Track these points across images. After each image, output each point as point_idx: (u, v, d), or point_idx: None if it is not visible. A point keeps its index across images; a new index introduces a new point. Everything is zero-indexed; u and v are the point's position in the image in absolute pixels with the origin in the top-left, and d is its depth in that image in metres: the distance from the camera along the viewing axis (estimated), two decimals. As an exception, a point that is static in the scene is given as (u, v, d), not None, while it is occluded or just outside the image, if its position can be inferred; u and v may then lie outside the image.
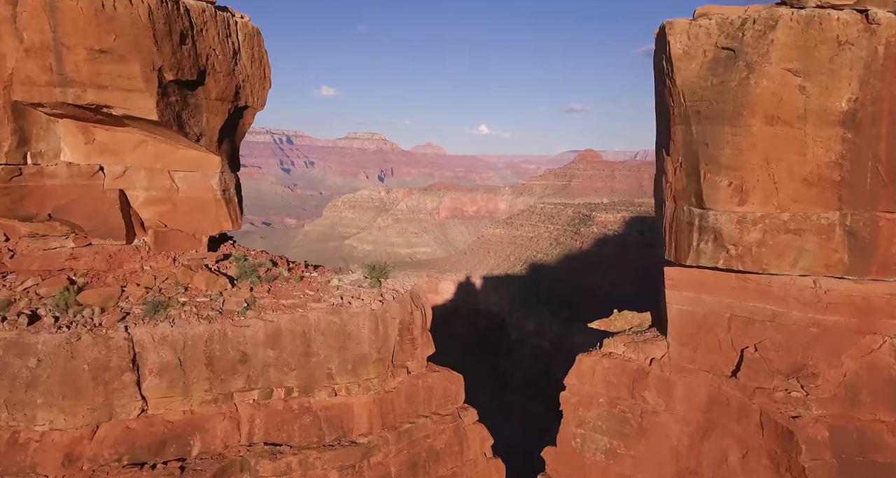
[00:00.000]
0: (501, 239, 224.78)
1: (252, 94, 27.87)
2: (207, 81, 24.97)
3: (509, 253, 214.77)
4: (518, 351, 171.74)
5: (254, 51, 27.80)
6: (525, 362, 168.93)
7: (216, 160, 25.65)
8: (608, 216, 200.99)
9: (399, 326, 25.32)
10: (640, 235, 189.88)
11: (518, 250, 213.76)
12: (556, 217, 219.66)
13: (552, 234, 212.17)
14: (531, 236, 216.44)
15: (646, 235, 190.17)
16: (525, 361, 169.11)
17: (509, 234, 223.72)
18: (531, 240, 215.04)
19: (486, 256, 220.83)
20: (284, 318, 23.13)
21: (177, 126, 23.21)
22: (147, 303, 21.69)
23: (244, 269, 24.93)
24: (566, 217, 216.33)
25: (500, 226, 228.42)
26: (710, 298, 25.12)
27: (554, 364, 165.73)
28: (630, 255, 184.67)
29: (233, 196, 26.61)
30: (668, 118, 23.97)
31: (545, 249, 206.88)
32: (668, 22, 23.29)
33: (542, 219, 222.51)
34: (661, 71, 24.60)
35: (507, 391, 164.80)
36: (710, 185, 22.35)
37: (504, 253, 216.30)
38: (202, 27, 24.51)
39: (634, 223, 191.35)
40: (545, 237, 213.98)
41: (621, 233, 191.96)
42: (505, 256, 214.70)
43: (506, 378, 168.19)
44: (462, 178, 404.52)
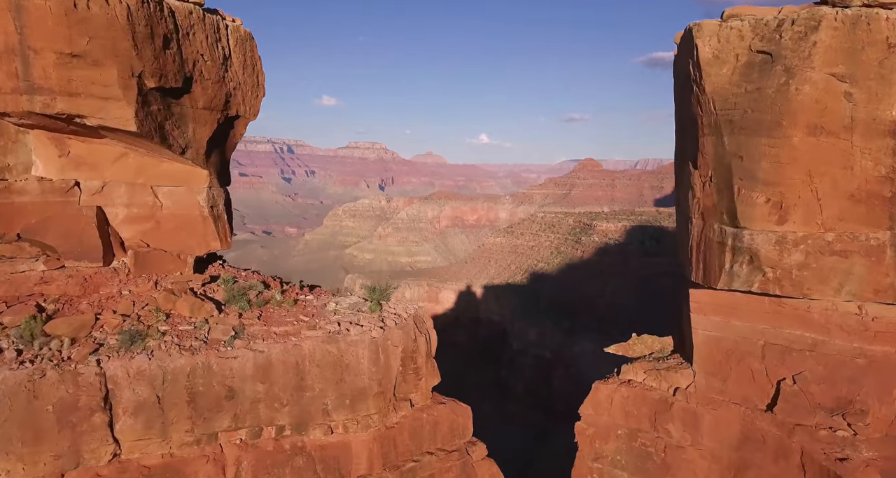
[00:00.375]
0: (502, 248, 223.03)
1: (244, 102, 25.70)
2: (194, 89, 22.79)
3: (510, 262, 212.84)
4: (519, 361, 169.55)
5: (246, 57, 25.67)
6: (527, 371, 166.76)
7: (203, 174, 23.41)
8: (609, 225, 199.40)
9: (402, 355, 22.98)
10: (641, 244, 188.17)
11: (519, 259, 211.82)
12: (556, 226, 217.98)
13: (553, 243, 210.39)
14: (532, 245, 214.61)
15: (646, 245, 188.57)
16: (527, 371, 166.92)
17: (510, 243, 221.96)
18: (532, 249, 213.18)
19: (487, 265, 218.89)
20: (276, 348, 20.81)
21: (159, 137, 20.99)
22: (123, 333, 19.37)
23: (233, 293, 22.62)
24: (567, 226, 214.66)
25: (500, 235, 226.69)
26: (740, 323, 22.80)
27: (555, 374, 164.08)
28: (631, 264, 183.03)
29: (222, 213, 24.36)
30: (696, 128, 21.77)
31: (546, 258, 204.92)
32: (695, 24, 21.15)
33: (542, 228, 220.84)
34: (686, 77, 22.42)
35: (509, 401, 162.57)
36: (745, 201, 20.10)
37: (505, 262, 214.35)
38: (189, 30, 22.37)
39: (635, 232, 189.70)
40: (546, 246, 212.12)
41: (622, 242, 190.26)
42: (506, 265, 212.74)
43: (507, 388, 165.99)
44: (462, 187, 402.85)
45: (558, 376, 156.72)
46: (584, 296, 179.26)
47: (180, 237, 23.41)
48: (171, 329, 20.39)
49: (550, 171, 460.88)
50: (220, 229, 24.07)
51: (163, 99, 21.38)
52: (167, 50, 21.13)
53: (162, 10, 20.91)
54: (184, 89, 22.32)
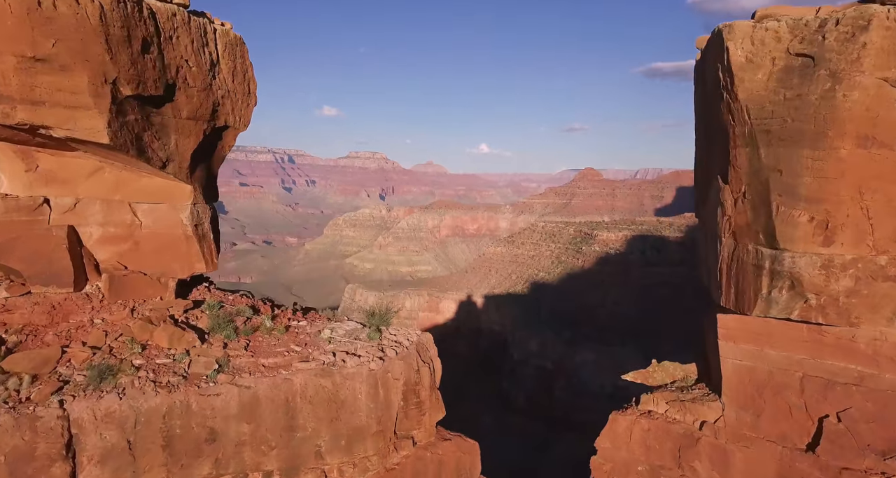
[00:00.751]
0: (503, 257, 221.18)
1: (233, 112, 23.62)
2: (178, 97, 20.71)
3: (511, 271, 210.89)
4: (521, 372, 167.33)
5: (236, 63, 23.61)
6: (528, 382, 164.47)
7: (187, 190, 21.25)
8: (609, 235, 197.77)
9: (403, 388, 20.71)
10: (642, 253, 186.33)
11: (519, 269, 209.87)
12: (557, 235, 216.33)
13: (553, 252, 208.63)
14: (533, 255, 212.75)
15: (647, 254, 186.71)
16: (528, 381, 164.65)
17: (511, 252, 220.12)
18: (533, 258, 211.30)
19: (488, 275, 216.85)
20: (264, 383, 18.55)
21: (135, 150, 18.84)
22: (92, 368, 17.13)
23: (218, 320, 20.37)
24: (567, 235, 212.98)
25: (501, 244, 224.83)
26: (775, 353, 20.54)
27: (556, 385, 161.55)
28: (631, 273, 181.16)
29: (207, 232, 22.17)
30: (727, 139, 19.63)
31: (547, 268, 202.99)
32: (724, 25, 19.08)
33: (543, 237, 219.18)
34: (713, 84, 20.33)
35: (510, 411, 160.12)
36: (785, 220, 17.93)
37: (505, 271, 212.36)
38: (171, 34, 20.32)
39: (636, 242, 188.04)
40: (546, 256, 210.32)
41: (623, 252, 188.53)
42: (506, 274, 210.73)
43: (508, 398, 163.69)
44: (463, 196, 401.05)
45: (559, 387, 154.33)
46: (585, 305, 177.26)
47: (161, 259, 21.22)
48: (147, 363, 18.14)
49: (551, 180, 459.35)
50: (205, 250, 21.87)
51: (141, 108, 19.28)
52: (146, 54, 19.07)
53: (141, 11, 18.85)
54: (165, 98, 20.25)
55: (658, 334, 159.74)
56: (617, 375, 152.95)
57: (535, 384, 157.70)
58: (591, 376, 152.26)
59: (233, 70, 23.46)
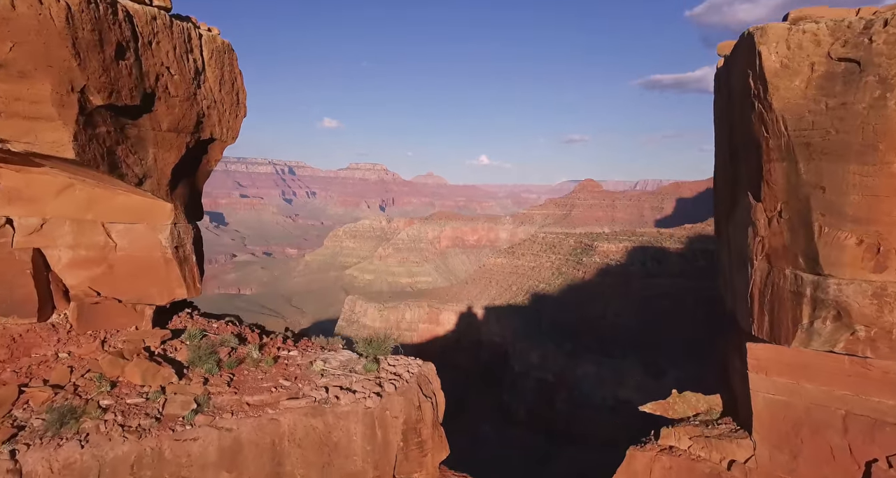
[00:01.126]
0: (503, 268, 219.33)
1: (220, 123, 21.72)
2: (157, 108, 18.82)
3: (511, 283, 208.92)
4: (522, 384, 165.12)
5: (223, 71, 21.77)
6: (529, 395, 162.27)
7: (167, 208, 19.28)
8: (610, 246, 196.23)
9: (403, 427, 18.61)
10: (643, 265, 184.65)
11: (520, 280, 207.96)
12: (557, 247, 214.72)
13: (554, 263, 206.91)
14: (533, 266, 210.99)
15: (648, 266, 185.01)
16: (529, 394, 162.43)
17: (511, 263, 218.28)
18: (533, 269, 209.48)
19: (488, 286, 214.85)
20: (247, 424, 16.46)
21: (107, 166, 16.88)
22: (52, 410, 15.04)
23: (199, 352, 18.31)
24: (568, 247, 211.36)
25: (501, 255, 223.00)
26: (813, 387, 18.48)
27: (558, 397, 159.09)
28: (632, 285, 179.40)
29: (189, 254, 20.14)
30: (758, 152, 17.70)
31: (547, 279, 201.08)
32: (756, 28, 17.23)
33: (543, 248, 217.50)
34: (741, 92, 18.45)
35: (511, 424, 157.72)
36: (829, 243, 15.96)
37: (506, 283, 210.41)
38: (151, 39, 18.47)
39: (636, 253, 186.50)
40: (547, 267, 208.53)
41: (623, 263, 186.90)
42: (507, 285, 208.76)
43: (509, 411, 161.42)
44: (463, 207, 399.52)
45: (561, 399, 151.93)
46: (586, 317, 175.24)
47: (138, 284, 19.18)
48: (116, 403, 16.05)
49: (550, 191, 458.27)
50: (186, 273, 19.84)
51: (114, 119, 17.35)
52: (121, 61, 17.18)
53: (115, 13, 16.99)
54: (143, 108, 18.34)
55: (659, 346, 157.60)
56: (619, 387, 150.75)
57: (536, 397, 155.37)
58: (592, 389, 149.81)
59: (220, 79, 21.61)
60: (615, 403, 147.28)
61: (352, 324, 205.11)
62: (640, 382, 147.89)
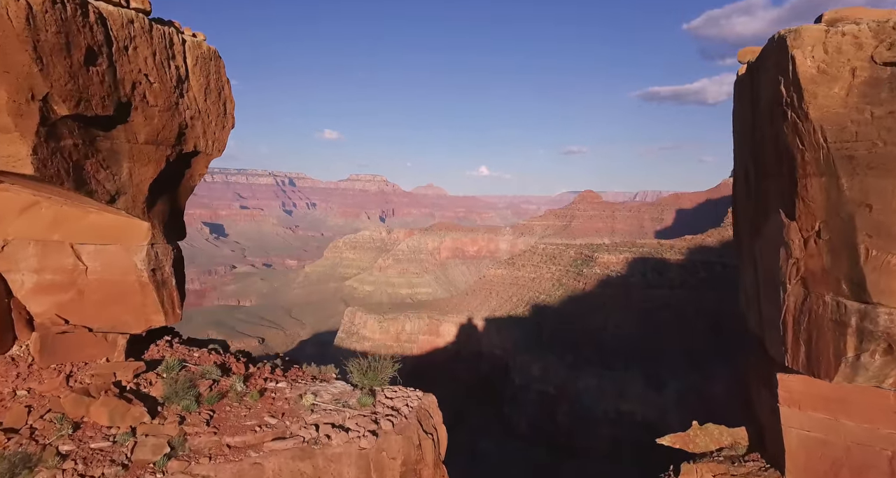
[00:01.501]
0: (503, 280, 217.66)
1: (205, 135, 20.05)
2: (133, 118, 17.15)
3: (511, 294, 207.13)
4: (523, 397, 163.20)
5: (209, 79, 20.14)
6: (530, 408, 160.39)
7: (143, 228, 17.51)
8: (610, 257, 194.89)
9: (402, 469, 16.70)
10: (643, 276, 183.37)
11: (520, 291, 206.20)
12: (557, 258, 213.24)
13: (554, 275, 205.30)
14: (533, 277, 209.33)
15: (648, 277, 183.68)
16: (530, 407, 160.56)
17: (511, 274, 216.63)
18: (533, 281, 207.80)
19: (489, 298, 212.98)
20: (227, 471, 14.55)
21: (73, 182, 15.14)
22: (3, 459, 13.18)
23: (175, 386, 16.43)
24: (568, 258, 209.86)
25: (501, 266, 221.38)
26: (854, 424, 16.61)
27: (559, 410, 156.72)
28: (633, 296, 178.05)
29: (168, 277, 18.32)
30: (792, 166, 15.99)
31: (547, 291, 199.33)
32: (789, 31, 15.59)
33: (543, 259, 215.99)
34: (771, 101, 16.78)
35: (512, 437, 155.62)
36: (878, 268, 14.19)
37: (506, 294, 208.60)
38: (127, 43, 16.84)
39: (637, 264, 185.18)
40: (547, 278, 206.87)
41: (624, 274, 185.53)
42: (507, 297, 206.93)
43: (510, 424, 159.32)
44: (463, 218, 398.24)
45: (562, 412, 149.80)
46: (587, 329, 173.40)
47: (110, 311, 17.36)
48: (78, 449, 14.16)
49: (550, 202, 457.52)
50: (164, 299, 18.02)
51: (83, 131, 15.66)
52: (92, 67, 15.52)
53: (86, 15, 15.35)
54: (117, 118, 16.66)
55: (660, 357, 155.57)
56: (620, 399, 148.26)
57: (537, 409, 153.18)
58: (594, 401, 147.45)
59: (205, 87, 19.97)
60: (617, 415, 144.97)
61: (351, 335, 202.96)
62: (641, 393, 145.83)
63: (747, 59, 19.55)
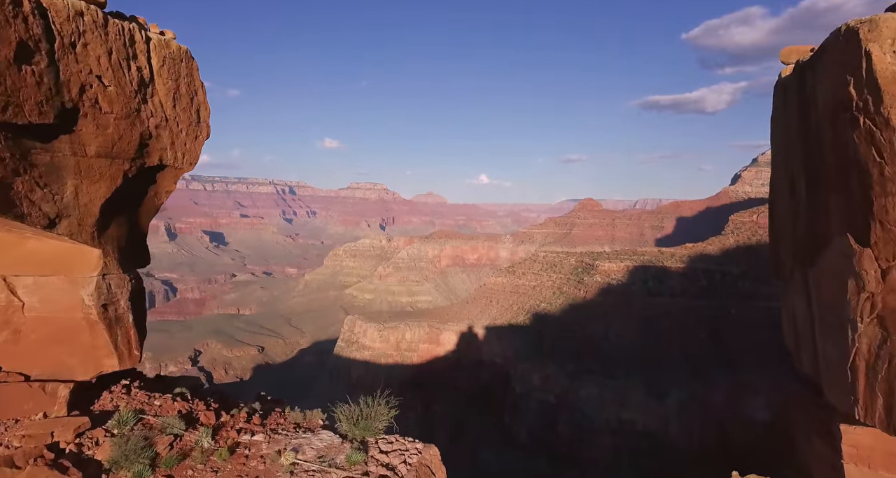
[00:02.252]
0: (504, 288, 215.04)
1: (173, 146, 17.28)
2: (81, 127, 14.38)
3: (512, 302, 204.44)
4: (523, 406, 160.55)
5: (179, 82, 17.39)
6: (531, 417, 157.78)
7: (92, 256, 14.63)
8: (611, 265, 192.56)
9: (397, 546, 13.77)
10: (644, 284, 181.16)
11: (521, 300, 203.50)
12: (558, 266, 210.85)
13: (555, 283, 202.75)
14: (534, 285, 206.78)
15: (649, 285, 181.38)
16: (531, 416, 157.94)
17: (511, 282, 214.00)
18: (534, 289, 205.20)
19: (489, 306, 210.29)
20: (181, 560, 11.63)
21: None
22: None
23: (126, 447, 13.49)
24: (569, 266, 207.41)
25: (502, 274, 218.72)
26: (938, 490, 13.67)
27: (560, 419, 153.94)
28: (634, 305, 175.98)
29: (124, 313, 15.42)
30: (866, 183, 13.15)
31: (548, 299, 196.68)
32: (861, 22, 12.81)
33: (544, 267, 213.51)
34: (831, 105, 13.99)
35: (512, 447, 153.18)
36: None
37: (507, 302, 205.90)
38: (74, 40, 14.09)
39: (637, 273, 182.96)
40: (548, 286, 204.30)
41: (624, 282, 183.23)
42: (507, 305, 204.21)
43: (511, 433, 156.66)
44: (463, 226, 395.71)
45: (563, 421, 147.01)
46: (588, 337, 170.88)
47: (52, 354, 14.48)
48: (-6, 538, 11.25)
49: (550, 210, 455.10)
50: (119, 339, 15.13)
51: (13, 142, 12.87)
52: (25, 66, 12.78)
53: (17, 4, 12.63)
54: (60, 127, 13.90)
55: (661, 366, 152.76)
56: (621, 408, 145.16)
57: (537, 419, 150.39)
58: (595, 410, 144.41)
59: (174, 92, 17.22)
60: (618, 424, 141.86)
61: (351, 344, 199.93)
62: (642, 402, 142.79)
63: (793, 59, 16.79)
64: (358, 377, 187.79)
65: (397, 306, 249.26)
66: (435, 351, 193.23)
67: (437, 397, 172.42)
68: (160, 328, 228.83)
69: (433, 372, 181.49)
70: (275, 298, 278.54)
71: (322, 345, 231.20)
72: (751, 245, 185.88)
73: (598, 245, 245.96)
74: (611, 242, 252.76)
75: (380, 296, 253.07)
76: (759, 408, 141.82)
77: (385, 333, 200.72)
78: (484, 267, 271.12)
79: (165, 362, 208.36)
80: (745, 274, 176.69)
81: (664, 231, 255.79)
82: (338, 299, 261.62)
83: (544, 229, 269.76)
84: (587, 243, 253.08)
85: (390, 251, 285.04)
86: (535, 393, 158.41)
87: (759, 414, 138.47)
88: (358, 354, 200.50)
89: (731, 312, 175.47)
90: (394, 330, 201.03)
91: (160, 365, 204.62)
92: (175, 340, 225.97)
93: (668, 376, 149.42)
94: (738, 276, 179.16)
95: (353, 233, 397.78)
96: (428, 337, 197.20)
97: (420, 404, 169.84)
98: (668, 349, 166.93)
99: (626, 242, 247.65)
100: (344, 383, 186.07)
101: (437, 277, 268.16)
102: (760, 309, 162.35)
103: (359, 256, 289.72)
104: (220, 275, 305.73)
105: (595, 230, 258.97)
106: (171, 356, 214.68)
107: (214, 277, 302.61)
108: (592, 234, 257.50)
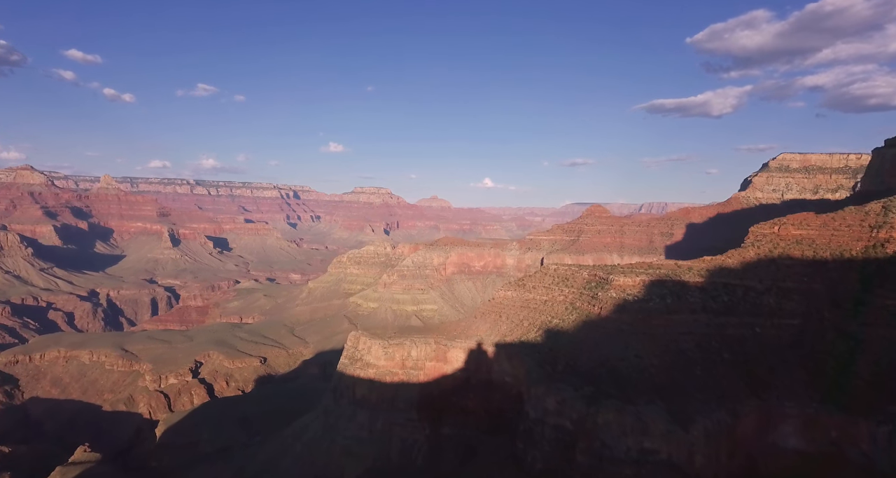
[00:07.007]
0: (513, 302, 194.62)
1: None
2: None
3: (522, 318, 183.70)
4: (537, 432, 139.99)
5: None
6: (546, 445, 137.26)
7: None
8: (626, 280, 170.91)
9: None
10: (662, 299, 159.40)
11: (532, 315, 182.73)
12: (570, 279, 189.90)
13: (567, 297, 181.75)
14: (545, 300, 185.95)
15: (668, 301, 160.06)
16: (546, 444, 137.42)
17: (521, 297, 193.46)
18: (545, 304, 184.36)
19: (498, 321, 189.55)
20: None
21: None
22: None
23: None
24: (581, 279, 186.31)
25: (511, 288, 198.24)
26: None
27: (577, 447, 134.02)
28: (652, 322, 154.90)
29: None
30: None
31: (560, 315, 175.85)
32: None
33: (555, 281, 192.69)
34: None
35: (526, 476, 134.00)
36: None
37: (517, 318, 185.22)
38: None
39: (654, 287, 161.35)
40: (560, 301, 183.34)
41: (641, 298, 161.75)
42: (518, 321, 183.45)
43: (524, 461, 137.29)
44: (468, 230, 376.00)
45: (581, 450, 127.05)
46: (606, 358, 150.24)
47: None
48: None
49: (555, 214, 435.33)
50: None
51: None
52: None
53: None
54: None
55: (685, 391, 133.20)
56: (643, 436, 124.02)
57: (553, 447, 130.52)
58: (615, 439, 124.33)
59: None
60: (639, 455, 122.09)
61: (355, 362, 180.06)
62: (665, 431, 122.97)
63: None
64: (362, 396, 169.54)
65: (402, 315, 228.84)
66: (442, 369, 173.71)
67: (445, 419, 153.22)
68: (162, 338, 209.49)
69: (441, 391, 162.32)
70: (278, 307, 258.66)
71: (325, 356, 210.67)
72: (773, 258, 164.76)
73: (606, 253, 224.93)
74: (619, 249, 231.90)
75: (384, 304, 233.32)
76: (789, 435, 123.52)
77: (391, 351, 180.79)
78: (490, 275, 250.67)
79: (166, 375, 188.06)
80: (769, 289, 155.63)
81: (674, 238, 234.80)
82: (342, 308, 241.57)
83: (551, 236, 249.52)
84: (595, 251, 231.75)
85: (395, 258, 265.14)
86: (549, 418, 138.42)
87: (791, 441, 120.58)
88: (362, 371, 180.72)
89: (755, 330, 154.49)
90: (399, 347, 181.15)
91: (160, 377, 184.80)
92: (176, 351, 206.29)
93: (691, 400, 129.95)
94: (762, 291, 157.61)
95: (357, 237, 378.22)
96: (435, 354, 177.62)
97: (427, 426, 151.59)
98: (690, 371, 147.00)
99: (634, 250, 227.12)
100: (347, 400, 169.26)
101: (442, 285, 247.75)
102: (785, 327, 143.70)
103: (363, 263, 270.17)
104: (224, 281, 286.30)
105: (603, 237, 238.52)
106: (171, 368, 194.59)
107: (218, 284, 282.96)
108: (600, 241, 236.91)
